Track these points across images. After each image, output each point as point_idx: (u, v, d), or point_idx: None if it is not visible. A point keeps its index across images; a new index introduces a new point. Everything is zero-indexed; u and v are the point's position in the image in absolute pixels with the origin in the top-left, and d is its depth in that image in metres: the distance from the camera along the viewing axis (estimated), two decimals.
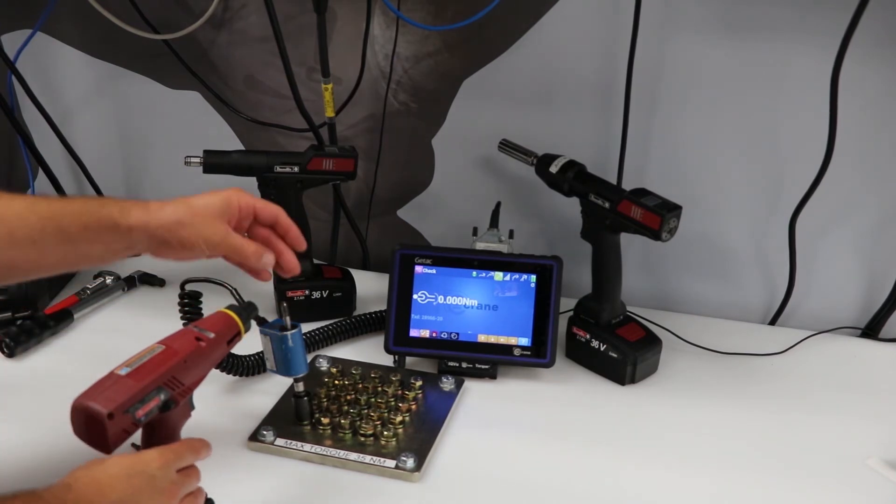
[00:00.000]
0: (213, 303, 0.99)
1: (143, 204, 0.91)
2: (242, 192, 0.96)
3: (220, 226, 0.92)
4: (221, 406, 1.10)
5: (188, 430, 1.02)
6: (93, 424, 0.77)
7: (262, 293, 1.14)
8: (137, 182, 1.61)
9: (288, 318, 1.01)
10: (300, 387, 1.04)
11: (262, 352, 1.07)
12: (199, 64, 1.45)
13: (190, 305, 1.04)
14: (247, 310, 0.95)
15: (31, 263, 0.90)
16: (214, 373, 1.05)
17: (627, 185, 1.20)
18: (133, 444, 0.99)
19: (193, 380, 0.87)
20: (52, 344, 1.23)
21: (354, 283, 1.35)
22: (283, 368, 1.02)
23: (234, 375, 1.12)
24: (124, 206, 0.89)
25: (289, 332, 1.00)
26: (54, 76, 1.54)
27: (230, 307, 0.94)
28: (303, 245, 1.00)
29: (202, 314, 1.03)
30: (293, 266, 0.99)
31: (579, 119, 1.33)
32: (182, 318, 1.04)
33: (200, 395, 1.09)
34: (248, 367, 1.11)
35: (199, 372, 0.88)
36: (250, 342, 1.04)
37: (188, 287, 1.03)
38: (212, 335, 0.89)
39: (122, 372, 0.81)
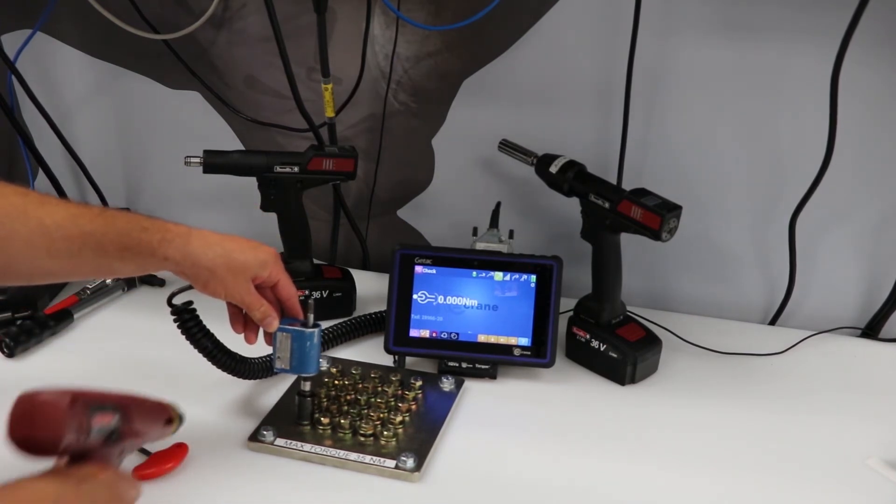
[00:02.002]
0: (205, 306, 1.00)
1: (186, 237, 0.92)
2: (279, 260, 1.00)
3: (245, 284, 0.97)
4: (221, 406, 1.10)
5: (189, 427, 1.03)
6: (45, 414, 0.69)
7: None
8: (137, 182, 1.61)
9: (311, 316, 1.02)
10: (307, 386, 1.04)
11: (268, 356, 1.06)
12: (199, 64, 1.45)
13: (189, 319, 1.01)
14: (181, 418, 0.93)
15: (66, 273, 0.92)
16: (215, 373, 1.05)
17: (627, 185, 1.20)
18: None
19: (137, 427, 0.81)
20: (52, 344, 1.23)
21: (354, 283, 1.35)
22: (298, 366, 1.02)
23: (240, 378, 1.11)
24: (165, 237, 0.91)
25: (314, 330, 1.01)
26: (54, 76, 1.54)
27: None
28: (300, 316, 1.03)
29: (201, 321, 1.02)
30: (267, 330, 1.02)
31: (579, 119, 1.33)
32: (183, 333, 1.01)
33: (201, 395, 1.09)
34: (254, 370, 1.10)
35: (142, 424, 0.83)
36: (251, 345, 1.04)
37: (175, 300, 1.00)
38: (154, 402, 0.87)
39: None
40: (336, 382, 1.13)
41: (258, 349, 1.05)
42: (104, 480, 0.74)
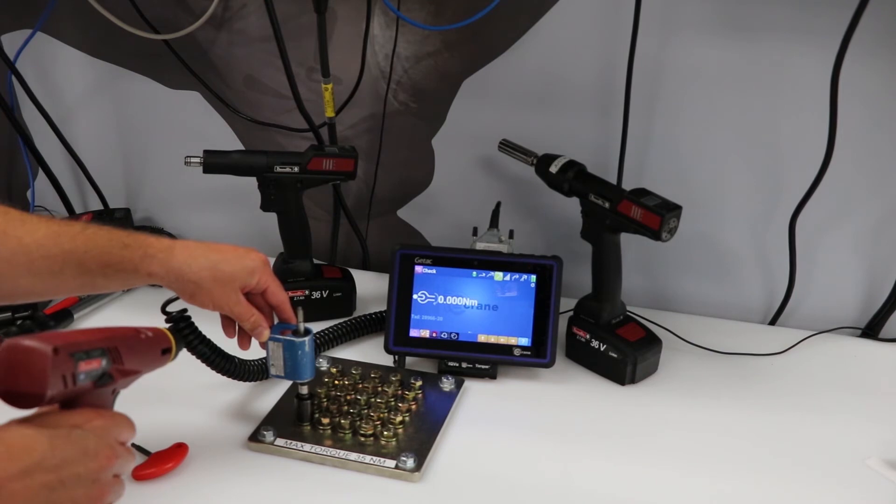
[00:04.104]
0: (200, 309, 0.99)
1: (168, 251, 0.92)
2: (268, 266, 0.99)
3: (233, 295, 0.96)
4: (221, 406, 1.10)
5: (189, 428, 1.03)
6: (27, 367, 0.68)
7: None
8: (137, 182, 1.61)
9: (302, 325, 1.01)
10: (304, 389, 1.04)
11: (265, 358, 1.06)
12: (199, 64, 1.45)
13: (184, 327, 0.99)
14: (182, 334, 0.95)
15: (50, 291, 0.92)
16: (215, 374, 1.05)
17: (627, 185, 1.20)
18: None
19: (130, 366, 0.81)
20: None
21: (354, 283, 1.35)
22: (292, 373, 1.02)
23: (238, 380, 1.10)
24: (147, 253, 0.91)
25: (305, 339, 1.01)
26: (54, 76, 1.54)
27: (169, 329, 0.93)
28: (292, 320, 1.02)
29: (196, 328, 1.01)
30: (258, 340, 1.02)
31: (579, 119, 1.33)
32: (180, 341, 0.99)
33: (201, 396, 1.09)
34: (253, 373, 1.10)
35: (135, 362, 0.82)
36: (252, 347, 1.04)
37: (169, 307, 0.98)
38: (150, 334, 0.87)
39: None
40: (336, 382, 1.13)
41: (256, 350, 1.04)
42: (97, 427, 0.73)
